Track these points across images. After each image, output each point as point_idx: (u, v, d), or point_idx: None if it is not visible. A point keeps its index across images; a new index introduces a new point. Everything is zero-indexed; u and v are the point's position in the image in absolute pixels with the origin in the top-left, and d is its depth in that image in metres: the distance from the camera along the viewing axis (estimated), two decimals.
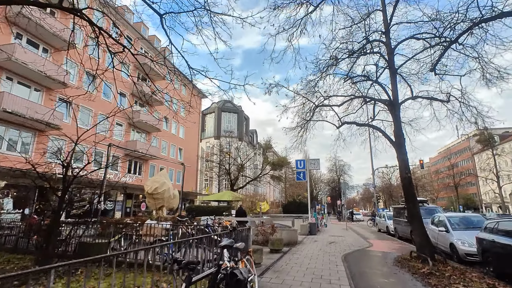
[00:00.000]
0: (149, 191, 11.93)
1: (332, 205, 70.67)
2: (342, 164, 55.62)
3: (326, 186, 63.52)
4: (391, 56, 9.64)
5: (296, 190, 45.29)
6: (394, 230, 17.69)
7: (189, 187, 34.14)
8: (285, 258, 8.97)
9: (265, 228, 12.17)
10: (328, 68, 10.19)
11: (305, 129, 11.70)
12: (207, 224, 11.19)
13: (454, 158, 57.65)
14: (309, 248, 11.21)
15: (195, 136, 38.80)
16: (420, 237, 8.65)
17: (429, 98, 9.99)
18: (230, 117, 59.18)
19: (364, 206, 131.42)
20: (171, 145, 32.41)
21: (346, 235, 17.25)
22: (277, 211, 35.17)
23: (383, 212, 22.38)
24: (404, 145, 9.33)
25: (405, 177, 9.06)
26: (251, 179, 35.26)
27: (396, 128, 9.42)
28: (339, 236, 16.50)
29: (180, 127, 34.66)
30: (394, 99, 9.52)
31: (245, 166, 34.69)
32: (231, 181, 33.22)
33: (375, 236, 17.78)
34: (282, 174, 41.40)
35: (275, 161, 33.90)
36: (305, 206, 21.18)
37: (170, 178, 32.08)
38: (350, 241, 14.01)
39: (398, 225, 16.92)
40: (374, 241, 14.68)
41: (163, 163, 30.69)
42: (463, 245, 9.26)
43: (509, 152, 41.98)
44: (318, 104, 10.73)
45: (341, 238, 15.61)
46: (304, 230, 16.93)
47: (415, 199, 9.07)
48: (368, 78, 10.04)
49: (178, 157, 33.84)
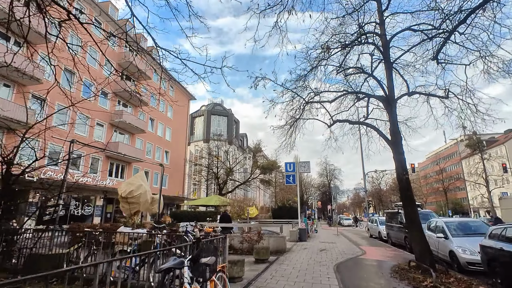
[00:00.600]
0: (122, 195, 10.86)
1: (323, 210, 70.14)
2: (333, 169, 55.24)
3: (317, 190, 62.94)
4: (386, 49, 8.95)
5: (286, 195, 44.45)
6: (387, 236, 16.99)
7: (175, 191, 32.85)
8: (271, 269, 8.03)
9: (250, 235, 11.22)
10: (320, 61, 9.43)
11: (295, 128, 10.88)
12: (187, 231, 10.16)
13: (443, 162, 58.03)
14: (298, 257, 10.30)
15: (183, 138, 37.61)
16: (420, 244, 7.87)
17: (426, 94, 9.32)
18: (219, 120, 58.20)
19: (354, 211, 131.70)
20: (156, 148, 31.14)
21: (337, 242, 16.43)
22: (266, 217, 34.20)
23: (374, 217, 21.72)
24: (401, 144, 8.60)
25: (402, 178, 8.30)
26: (240, 183, 34.21)
27: (392, 125, 8.69)
28: (330, 243, 15.66)
29: (166, 129, 33.45)
30: (390, 94, 8.81)
31: (234, 170, 33.66)
32: (219, 185, 32.11)
33: (367, 242, 17.02)
34: (271, 178, 40.49)
35: (265, 165, 32.99)
36: (295, 211, 20.31)
37: (155, 182, 30.81)
38: (342, 248, 13.18)
39: (391, 231, 16.22)
40: (367, 248, 13.89)
41: (148, 166, 29.38)
42: (464, 253, 8.52)
43: (497, 157, 42.34)
44: (308, 100, 9.93)
45: (333, 245, 14.77)
46: (294, 236, 16.03)
47: (414, 203, 8.30)
48: (363, 70, 9.32)
49: (164, 160, 32.57)
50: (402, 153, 8.50)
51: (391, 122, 8.75)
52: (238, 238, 11.34)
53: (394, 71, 9.54)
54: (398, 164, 8.46)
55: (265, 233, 11.94)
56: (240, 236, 11.30)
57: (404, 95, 9.25)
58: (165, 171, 32.38)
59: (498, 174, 42.60)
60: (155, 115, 31.22)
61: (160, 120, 32.15)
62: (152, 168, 30.08)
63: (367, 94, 9.69)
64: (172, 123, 34.66)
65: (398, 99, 9.01)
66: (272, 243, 11.37)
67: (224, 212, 12.89)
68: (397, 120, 8.84)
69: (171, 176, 33.36)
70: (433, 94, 9.23)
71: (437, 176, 52.61)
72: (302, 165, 18.44)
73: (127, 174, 25.96)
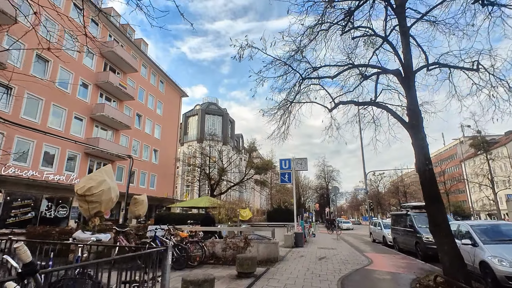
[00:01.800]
0: (79, 192, 8.88)
1: (320, 212, 68.25)
2: (331, 170, 53.47)
3: (315, 192, 61.05)
4: (403, 10, 7.20)
5: (282, 197, 42.58)
6: (393, 241, 15.17)
7: (163, 192, 30.85)
8: (257, 286, 6.16)
9: (236, 240, 9.35)
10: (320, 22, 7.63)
11: (289, 113, 9.07)
12: (155, 236, 8.28)
13: (445, 164, 56.40)
14: (293, 268, 8.43)
15: (174, 137, 35.67)
16: (450, 254, 6.04)
17: (451, 67, 7.55)
18: (214, 119, 56.33)
19: (352, 214, 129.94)
20: (144, 146, 29.17)
21: (338, 247, 14.59)
22: (261, 219, 32.28)
23: (377, 220, 19.89)
24: (422, 126, 6.81)
25: (425, 170, 6.50)
26: (234, 184, 32.28)
27: (411, 103, 6.91)
28: (330, 249, 13.80)
29: (155, 127, 31.51)
30: (407, 66, 7.03)
31: (227, 170, 31.75)
32: (211, 186, 30.17)
33: (371, 248, 15.19)
34: (267, 178, 38.62)
35: (259, 164, 31.10)
36: (291, 213, 18.44)
37: (142, 182, 28.83)
38: (344, 256, 11.34)
39: (398, 235, 14.40)
40: (372, 255, 12.06)
41: (135, 165, 27.36)
42: (501, 264, 6.72)
43: (504, 157, 40.80)
44: (305, 76, 8.13)
45: (333, 251, 12.92)
46: (289, 241, 14.17)
47: (440, 202, 6.50)
48: (374, 32, 7.55)
49: (152, 159, 30.60)
50: (424, 138, 6.71)
51: (409, 100, 6.97)
52: (221, 245, 9.47)
53: (412, 41, 7.77)
54: (419, 152, 6.67)
55: (253, 238, 10.08)
56: (224, 242, 9.42)
57: (423, 67, 7.47)
58: (153, 171, 30.47)
59: (504, 175, 41.12)
60: (142, 111, 29.30)
61: (148, 117, 30.22)
62: (139, 167, 28.11)
63: (378, 68, 7.91)
64: (162, 120, 32.74)
65: (417, 71, 7.23)
66: (262, 250, 9.51)
67: (207, 214, 10.96)
68: (417, 98, 7.05)
69: (161, 177, 31.37)
70: (459, 67, 7.47)
71: (438, 178, 50.92)
72: (298, 162, 16.62)
73: None
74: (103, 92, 23.75)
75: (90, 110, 22.10)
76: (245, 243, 9.07)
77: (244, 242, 9.04)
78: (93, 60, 22.97)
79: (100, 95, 23.60)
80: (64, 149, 19.61)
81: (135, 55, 28.71)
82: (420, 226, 12.24)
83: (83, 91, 21.96)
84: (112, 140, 24.38)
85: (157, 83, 32.50)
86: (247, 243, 9.07)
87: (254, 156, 34.06)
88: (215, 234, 11.11)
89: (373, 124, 9.56)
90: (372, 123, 9.63)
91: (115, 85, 23.43)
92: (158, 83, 32.84)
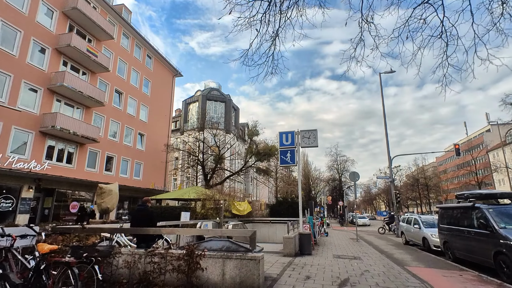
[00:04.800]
0: None
1: (332, 207, 63.22)
2: (345, 160, 48.27)
3: (326, 185, 55.92)
4: None
5: (289, 188, 38.03)
6: (444, 246, 10.40)
7: (149, 183, 26.76)
8: None
9: (178, 254, 4.88)
10: None
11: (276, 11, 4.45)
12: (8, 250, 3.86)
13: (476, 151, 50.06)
14: None
15: (165, 121, 31.45)
16: None
17: None
18: (216, 106, 51.94)
19: (365, 209, 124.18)
20: (126, 128, 25.00)
21: (362, 255, 9.96)
22: (264, 214, 27.84)
23: (413, 215, 15.03)
24: None
25: None
26: (232, 173, 27.86)
27: None
28: (352, 258, 9.20)
29: (141, 107, 27.30)
30: None
31: (224, 157, 27.30)
32: (205, 174, 25.84)
33: (410, 255, 10.48)
34: (270, 167, 34.07)
35: (261, 149, 26.52)
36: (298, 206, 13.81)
37: (124, 170, 24.73)
38: (379, 274, 6.75)
39: (453, 238, 9.62)
40: (424, 272, 7.40)
41: (113, 149, 23.33)
42: None
43: None
44: None
45: (358, 264, 8.31)
46: (290, 247, 9.60)
47: None
48: None
49: (138, 145, 26.48)
50: None
51: None
52: (143, 263, 5.02)
53: None
54: None
55: (216, 248, 5.56)
56: (158, 254, 4.95)
57: None
58: (139, 158, 26.40)
59: None
60: (124, 87, 25.09)
61: (132, 95, 26.00)
62: (120, 152, 24.03)
63: None
64: (149, 101, 28.50)
65: None
66: (230, 272, 5.02)
67: (141, 205, 6.36)
68: None
69: (148, 165, 27.28)
70: None
71: (469, 167, 45.05)
72: (305, 135, 11.96)
73: (77, 158, 19.90)
74: (67, 60, 19.56)
75: (48, 80, 17.97)
76: (193, 261, 4.58)
77: (190, 257, 4.55)
78: (52, 18, 18.76)
79: (64, 64, 19.43)
80: (8, 125, 15.59)
81: (114, 21, 24.41)
82: (505, 227, 7.50)
83: (38, 56, 17.82)
84: (81, 118, 20.26)
85: (143, 58, 28.18)
86: (196, 262, 4.59)
87: (257, 141, 29.45)
88: (157, 240, 6.57)
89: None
90: (437, 37, 4.87)
91: (81, 51, 19.19)
92: (145, 58, 28.51)
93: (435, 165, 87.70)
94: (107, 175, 22.08)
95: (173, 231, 7.13)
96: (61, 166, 18.51)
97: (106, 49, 23.18)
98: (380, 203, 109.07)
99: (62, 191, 18.69)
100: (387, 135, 21.34)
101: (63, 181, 18.19)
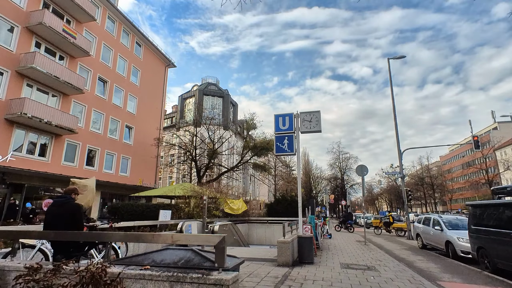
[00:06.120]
0: None
1: (334, 206, 61.12)
2: (347, 157, 46.18)
3: (328, 184, 53.77)
4: None
5: (289, 186, 35.98)
6: (477, 253, 8.34)
7: (137, 179, 24.75)
8: None
9: (88, 273, 2.85)
10: None
11: None
12: None
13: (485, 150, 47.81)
14: None
15: (156, 114, 29.42)
16: None
17: None
18: (213, 101, 49.91)
19: (367, 209, 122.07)
20: (111, 120, 22.99)
21: (377, 264, 7.92)
22: (261, 214, 25.78)
23: (432, 215, 12.94)
24: None
25: None
26: (227, 170, 25.85)
27: None
28: (365, 270, 7.16)
29: (129, 98, 25.28)
30: None
31: (218, 152, 25.25)
32: (198, 170, 23.84)
33: (435, 264, 8.43)
34: (269, 163, 32.05)
35: (258, 143, 24.49)
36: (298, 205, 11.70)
37: (109, 166, 22.67)
38: None
39: (495, 244, 7.56)
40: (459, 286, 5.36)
41: (97, 143, 21.33)
42: None
43: None
44: None
45: (373, 275, 6.26)
46: (287, 254, 7.54)
47: None
48: None
49: (124, 138, 24.46)
50: None
51: None
52: None
53: None
54: None
55: (165, 261, 3.51)
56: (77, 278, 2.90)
57: None
58: (126, 153, 24.38)
59: None
60: (109, 75, 23.07)
61: (118, 84, 23.98)
62: (104, 146, 22.03)
63: None
64: (138, 91, 26.48)
65: None
66: None
67: (62, 196, 4.28)
68: None
69: (137, 161, 25.27)
70: None
71: (480, 164, 42.88)
72: (305, 118, 9.92)
73: (52, 151, 17.89)
74: (40, 41, 17.56)
75: (16, 61, 15.98)
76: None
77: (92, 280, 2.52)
78: None
79: (37, 45, 17.41)
80: None
81: (97, 3, 22.39)
82: None
83: (5, 35, 15.83)
84: (57, 107, 18.26)
85: (131, 45, 26.16)
86: (114, 285, 2.56)
87: (254, 135, 27.42)
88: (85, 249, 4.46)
89: None
90: None
91: (56, 31, 17.19)
92: (133, 45, 26.49)
93: (439, 164, 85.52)
94: (88, 170, 20.06)
95: (100, 236, 4.59)
96: (32, 159, 16.52)
97: (88, 32, 21.16)
98: (382, 203, 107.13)
99: (33, 187, 16.69)
100: (397, 127, 19.32)
101: (33, 176, 16.20)
